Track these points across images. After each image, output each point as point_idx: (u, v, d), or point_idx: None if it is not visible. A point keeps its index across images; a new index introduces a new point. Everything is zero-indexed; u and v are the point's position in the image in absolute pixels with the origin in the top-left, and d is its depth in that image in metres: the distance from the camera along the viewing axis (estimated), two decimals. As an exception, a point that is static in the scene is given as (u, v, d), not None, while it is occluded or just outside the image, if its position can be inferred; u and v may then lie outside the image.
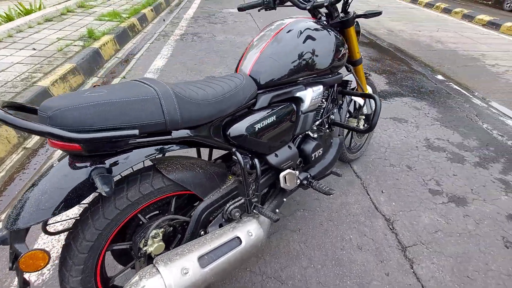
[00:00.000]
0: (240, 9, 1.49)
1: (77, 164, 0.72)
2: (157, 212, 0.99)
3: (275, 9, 1.44)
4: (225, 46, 4.27)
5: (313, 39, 1.14)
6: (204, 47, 4.17)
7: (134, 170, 0.89)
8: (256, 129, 1.02)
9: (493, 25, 6.55)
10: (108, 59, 3.58)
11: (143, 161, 0.80)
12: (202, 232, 1.00)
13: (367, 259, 1.43)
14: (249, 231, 0.98)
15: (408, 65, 4.09)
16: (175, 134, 0.82)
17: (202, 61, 3.68)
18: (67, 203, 0.69)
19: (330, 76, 1.28)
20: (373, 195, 1.82)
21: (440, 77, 3.77)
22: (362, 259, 1.42)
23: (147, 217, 0.95)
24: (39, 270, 0.74)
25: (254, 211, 1.07)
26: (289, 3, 1.39)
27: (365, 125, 1.75)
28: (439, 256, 1.47)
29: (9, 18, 4.06)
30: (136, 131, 0.70)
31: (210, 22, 5.52)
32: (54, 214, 0.68)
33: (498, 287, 1.33)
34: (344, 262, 1.40)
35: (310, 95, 1.18)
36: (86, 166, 0.72)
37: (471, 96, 3.27)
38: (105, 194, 0.66)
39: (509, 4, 9.16)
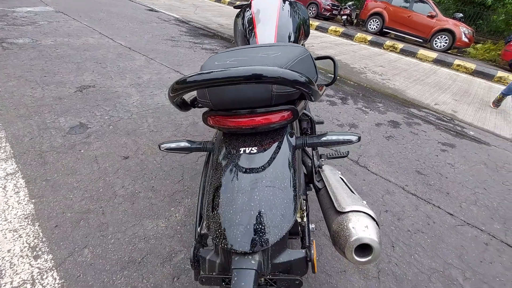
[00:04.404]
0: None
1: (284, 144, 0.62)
2: None
3: None
4: (65, 50, 3.35)
5: (299, 10, 1.35)
6: (36, 55, 3.07)
7: None
8: None
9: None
10: None
11: None
12: None
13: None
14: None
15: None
16: None
17: (51, 70, 2.75)
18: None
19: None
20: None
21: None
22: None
23: None
24: None
25: None
26: None
27: None
28: (376, 160, 2.16)
29: None
30: None
31: (11, 24, 4.01)
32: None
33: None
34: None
35: None
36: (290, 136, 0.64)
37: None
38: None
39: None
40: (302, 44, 1.40)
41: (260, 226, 0.52)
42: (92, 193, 1.43)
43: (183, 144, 0.76)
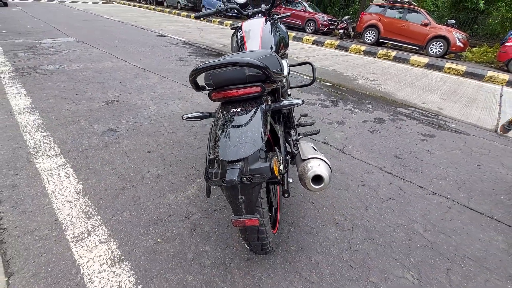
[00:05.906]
0: (197, 17, 1.84)
1: (258, 107, 1.00)
2: None
3: (226, 16, 1.91)
4: (90, 73, 3.88)
5: (279, 29, 1.75)
6: (66, 78, 3.60)
7: None
8: None
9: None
10: None
11: None
12: None
13: (334, 164, 2.22)
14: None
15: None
16: None
17: (81, 90, 3.24)
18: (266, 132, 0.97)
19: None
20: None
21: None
22: (332, 164, 2.19)
23: None
24: None
25: None
26: (235, 11, 1.89)
27: None
28: (359, 149, 2.49)
29: None
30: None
31: (41, 54, 4.62)
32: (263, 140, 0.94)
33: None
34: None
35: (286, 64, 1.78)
36: (262, 104, 1.01)
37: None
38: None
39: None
40: (283, 53, 1.79)
41: (241, 147, 0.88)
42: (125, 176, 1.82)
43: (197, 114, 1.15)
